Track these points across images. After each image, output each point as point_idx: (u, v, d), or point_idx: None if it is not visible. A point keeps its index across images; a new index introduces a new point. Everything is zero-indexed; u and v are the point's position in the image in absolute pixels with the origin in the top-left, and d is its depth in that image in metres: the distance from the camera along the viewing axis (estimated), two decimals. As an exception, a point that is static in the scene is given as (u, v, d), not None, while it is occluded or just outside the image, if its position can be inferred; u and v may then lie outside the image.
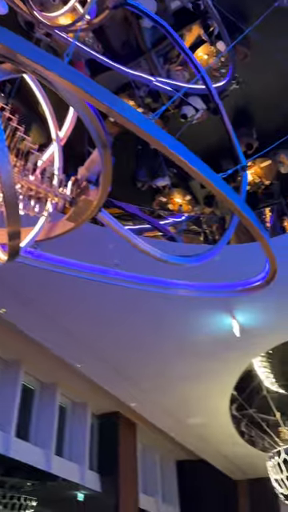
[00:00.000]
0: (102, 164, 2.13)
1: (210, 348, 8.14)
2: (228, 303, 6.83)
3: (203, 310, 7.00)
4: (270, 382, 11.35)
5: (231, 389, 9.69)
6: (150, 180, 7.73)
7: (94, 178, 2.26)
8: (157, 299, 6.43)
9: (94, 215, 2.42)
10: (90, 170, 2.26)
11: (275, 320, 7.32)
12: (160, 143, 1.95)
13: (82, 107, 2.04)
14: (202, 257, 3.49)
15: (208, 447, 12.40)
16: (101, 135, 2.01)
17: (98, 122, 1.99)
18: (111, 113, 1.92)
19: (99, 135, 2.02)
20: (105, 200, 2.34)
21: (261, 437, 11.44)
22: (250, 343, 8.12)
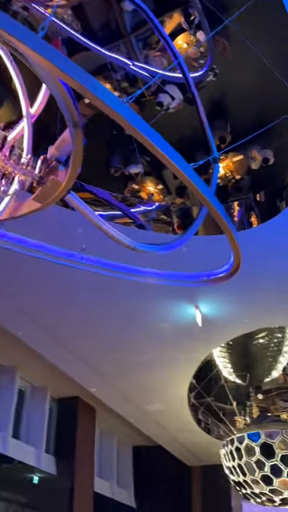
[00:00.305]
0: (73, 144, 2.08)
1: (172, 337, 8.25)
2: (192, 293, 6.92)
3: (168, 298, 7.06)
4: (228, 372, 11.64)
5: (190, 377, 9.87)
6: (123, 166, 7.65)
7: (64, 158, 2.21)
8: (122, 286, 6.44)
9: (62, 197, 2.37)
10: (60, 150, 2.20)
11: (237, 312, 7.48)
12: (132, 126, 1.92)
13: (54, 84, 1.98)
14: (169, 246, 3.50)
15: (165, 433, 12.63)
16: (72, 114, 1.96)
17: (70, 99, 1.93)
18: (83, 92, 1.87)
19: (71, 114, 1.97)
20: (74, 182, 2.29)
21: (217, 425, 11.75)
22: (212, 334, 8.28)
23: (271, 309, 7.48)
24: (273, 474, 7.14)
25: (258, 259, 5.95)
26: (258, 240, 5.66)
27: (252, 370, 12.02)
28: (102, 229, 2.80)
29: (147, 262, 3.74)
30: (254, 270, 6.10)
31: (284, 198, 5.31)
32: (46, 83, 2.15)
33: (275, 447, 7.18)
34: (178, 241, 3.51)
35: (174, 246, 3.46)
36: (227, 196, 7.49)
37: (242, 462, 7.46)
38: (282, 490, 7.18)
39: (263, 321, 8.17)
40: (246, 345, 11.52)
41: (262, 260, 6.05)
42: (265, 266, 6.19)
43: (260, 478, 7.19)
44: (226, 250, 3.40)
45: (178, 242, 3.50)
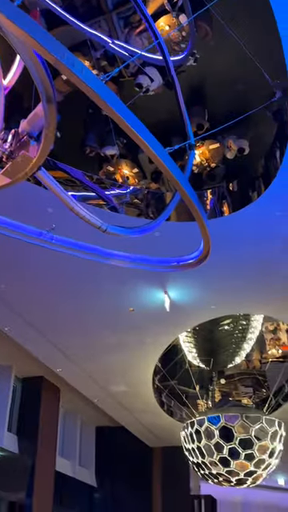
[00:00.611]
0: (46, 119, 2.01)
1: (140, 320, 8.30)
2: (162, 278, 6.96)
3: (137, 282, 7.08)
4: (192, 356, 11.87)
5: (156, 360, 10.00)
6: (98, 147, 7.53)
7: (36, 133, 2.14)
8: (90, 268, 6.40)
9: (32, 173, 2.30)
10: (33, 125, 2.13)
11: (204, 298, 7.59)
12: (106, 104, 1.88)
13: (28, 56, 1.91)
14: (141, 229, 3.49)
15: (128, 415, 12.81)
16: (46, 88, 1.89)
17: (44, 73, 1.87)
18: (59, 66, 1.81)
19: (45, 88, 1.90)
20: (46, 159, 2.23)
21: (179, 408, 12.01)
22: (179, 319, 8.38)
23: (238, 296, 7.62)
24: (230, 456, 7.37)
25: (228, 247, 6.04)
26: (229, 229, 5.73)
27: (216, 356, 12.30)
28: (73, 209, 2.75)
29: (118, 246, 3.71)
30: (223, 257, 6.19)
31: (256, 188, 5.37)
32: (20, 54, 2.06)
33: (234, 431, 7.39)
34: (150, 225, 3.49)
35: (145, 230, 3.44)
36: (202, 184, 7.52)
37: (201, 444, 7.67)
38: (238, 471, 7.44)
39: (229, 308, 8.33)
40: (211, 331, 11.76)
41: (231, 248, 6.14)
42: (234, 255, 6.28)
43: (218, 460, 7.41)
44: (197, 236, 3.41)
45: (149, 227, 3.49)
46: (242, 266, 6.62)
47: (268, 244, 6.05)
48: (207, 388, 13.46)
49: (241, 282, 7.08)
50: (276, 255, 6.33)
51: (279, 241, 5.97)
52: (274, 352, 12.25)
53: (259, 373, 13.19)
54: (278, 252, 6.25)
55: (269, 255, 6.32)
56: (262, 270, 6.69)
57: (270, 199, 5.28)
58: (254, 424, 7.37)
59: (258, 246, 6.11)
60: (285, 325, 11.86)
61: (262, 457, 7.31)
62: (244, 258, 6.41)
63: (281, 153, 4.87)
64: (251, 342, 12.33)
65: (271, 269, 6.66)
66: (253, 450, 7.22)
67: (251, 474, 7.40)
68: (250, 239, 5.96)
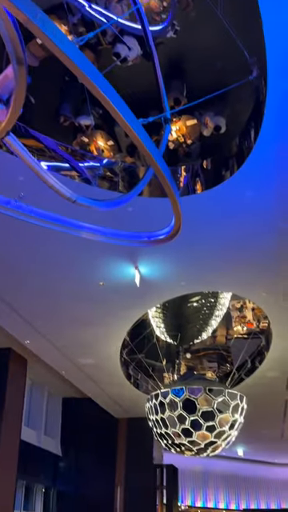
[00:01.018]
0: (16, 82, 1.94)
1: (109, 295, 8.32)
2: (133, 254, 6.97)
3: (108, 257, 7.06)
4: (160, 331, 12.07)
5: (124, 334, 10.11)
6: (73, 116, 7.33)
7: (5, 96, 2.06)
8: (60, 239, 6.34)
9: (0, 138, 2.22)
10: (2, 87, 2.05)
11: (175, 275, 7.66)
12: (79, 69, 1.82)
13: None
14: (112, 203, 3.46)
15: (95, 387, 12.99)
16: (17, 49, 1.81)
17: (14, 33, 1.78)
18: (31, 27, 1.73)
19: (15, 49, 1.82)
20: (15, 123, 2.16)
21: (146, 380, 12.27)
22: (149, 294, 8.44)
23: (207, 274, 7.73)
24: (193, 427, 7.61)
25: (199, 225, 6.08)
26: (201, 206, 5.76)
27: (183, 331, 12.57)
28: (42, 177, 2.69)
29: (91, 219, 3.68)
30: (193, 235, 6.24)
31: (229, 167, 5.39)
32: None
33: (197, 403, 7.61)
34: (121, 199, 3.46)
35: (117, 203, 3.41)
36: (177, 160, 7.48)
37: (165, 415, 7.88)
38: (199, 441, 7.72)
39: (198, 285, 8.45)
40: (180, 307, 11.97)
41: (202, 226, 6.19)
42: (204, 233, 6.34)
43: (181, 431, 7.65)
44: (170, 213, 3.42)
45: (121, 200, 3.46)
46: (211, 244, 6.70)
47: (238, 223, 6.13)
48: (173, 362, 13.79)
49: (210, 259, 7.17)
50: (245, 235, 6.43)
51: (249, 220, 6.06)
52: (239, 329, 12.62)
53: (224, 348, 13.60)
54: (247, 232, 6.35)
55: (238, 235, 6.42)
56: (231, 248, 6.80)
57: (241, 179, 5.32)
58: (216, 397, 7.62)
59: (229, 225, 6.18)
60: (251, 303, 12.20)
61: (223, 428, 7.60)
62: (214, 237, 6.48)
63: (255, 133, 4.88)
64: (218, 318, 12.64)
65: (240, 248, 6.77)
66: (214, 422, 7.48)
67: (211, 444, 7.69)
68: (220, 218, 6.02)
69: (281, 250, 6.79)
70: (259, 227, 6.24)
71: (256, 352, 11.61)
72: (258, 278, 7.78)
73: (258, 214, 5.93)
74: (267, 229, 6.25)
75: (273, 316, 9.32)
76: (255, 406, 13.32)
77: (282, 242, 6.56)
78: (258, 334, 11.66)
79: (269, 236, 6.40)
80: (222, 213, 5.93)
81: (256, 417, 14.70)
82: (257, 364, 11.48)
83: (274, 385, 12.45)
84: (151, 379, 12.07)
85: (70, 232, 3.43)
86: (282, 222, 6.09)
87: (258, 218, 6.02)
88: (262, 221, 6.08)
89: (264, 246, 6.68)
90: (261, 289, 8.13)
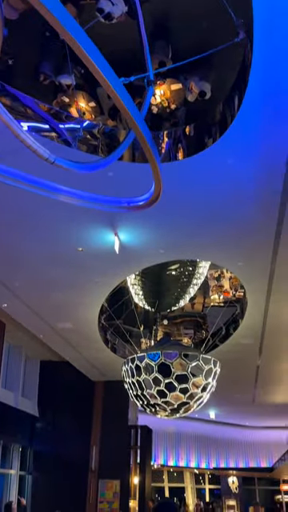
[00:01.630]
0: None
1: (88, 260, 8.32)
2: (113, 220, 6.93)
3: (88, 222, 7.01)
4: (138, 298, 12.23)
5: (103, 300, 10.19)
6: (53, 75, 7.05)
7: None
8: (39, 202, 6.24)
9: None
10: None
11: (154, 242, 7.68)
12: (60, 24, 1.74)
13: None
14: (91, 166, 3.39)
15: (73, 350, 13.18)
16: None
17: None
18: None
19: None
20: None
21: (123, 345, 12.52)
22: (128, 261, 8.47)
23: (186, 242, 7.79)
24: (167, 389, 7.87)
25: (179, 193, 6.07)
26: (182, 174, 5.71)
27: (161, 298, 12.76)
28: (19, 136, 2.60)
29: (70, 183, 3.62)
30: (173, 202, 6.23)
31: (212, 134, 5.33)
32: None
33: (172, 367, 7.84)
34: (100, 162, 3.40)
35: (96, 166, 3.34)
36: (160, 125, 7.34)
37: (141, 378, 8.09)
38: (173, 402, 8.02)
39: (177, 253, 8.51)
40: (158, 274, 12.11)
41: (182, 194, 6.17)
42: (184, 200, 6.33)
43: (156, 393, 7.91)
44: (150, 179, 3.38)
45: (100, 164, 3.39)
46: (191, 213, 6.71)
47: (219, 192, 6.13)
48: (151, 328, 14.06)
49: (189, 228, 7.20)
50: (225, 204, 6.46)
51: (229, 189, 6.06)
52: (215, 297, 12.89)
53: (200, 316, 13.91)
54: (228, 201, 6.37)
55: (218, 204, 6.43)
56: (211, 217, 6.83)
57: (223, 147, 5.28)
58: (191, 361, 7.86)
59: (209, 194, 6.18)
60: (228, 273, 12.42)
61: (195, 391, 7.89)
62: (194, 205, 6.49)
63: (239, 100, 4.82)
64: (196, 287, 12.86)
65: (219, 218, 6.81)
66: (187, 385, 7.76)
67: (184, 404, 8.01)
68: (201, 186, 6.01)
69: (259, 220, 6.86)
70: (240, 196, 6.27)
71: (231, 320, 11.92)
72: (235, 248, 7.87)
73: (239, 183, 5.94)
74: (247, 198, 6.28)
75: (248, 285, 9.51)
76: (228, 371, 13.78)
77: (261, 212, 6.62)
78: (233, 303, 11.94)
79: (248, 206, 6.44)
80: (203, 181, 5.91)
81: (229, 381, 15.26)
82: (231, 331, 11.81)
83: (247, 351, 12.87)
84: (128, 344, 12.33)
85: (47, 195, 3.37)
86: (262, 192, 6.12)
87: (238, 187, 6.03)
88: (242, 190, 6.10)
89: (243, 216, 6.73)
90: (238, 258, 8.25)
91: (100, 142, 5.55)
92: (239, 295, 12.19)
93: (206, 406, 12.45)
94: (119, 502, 14.78)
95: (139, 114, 2.84)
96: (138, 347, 12.81)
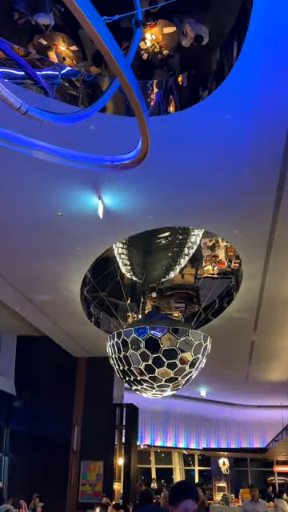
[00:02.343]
0: None
1: (69, 227, 8.28)
2: (96, 181, 6.86)
3: (68, 183, 6.93)
4: (125, 269, 12.27)
5: (86, 270, 10.21)
6: (29, 13, 6.79)
7: None
8: (11, 160, 6.13)
9: None
10: None
11: (142, 207, 7.65)
12: None
13: None
14: (69, 117, 3.31)
15: (53, 325, 13.29)
16: None
17: None
18: None
19: None
20: None
21: (108, 319, 12.66)
22: (113, 228, 8.45)
23: (177, 207, 7.76)
24: (155, 365, 8.11)
25: (169, 151, 5.99)
26: (173, 129, 5.63)
27: (150, 269, 12.82)
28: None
29: (45, 138, 3.54)
30: (163, 162, 6.16)
31: (208, 86, 5.23)
32: None
33: (160, 342, 8.02)
34: (80, 113, 3.32)
35: (75, 118, 3.26)
36: (150, 73, 7.16)
37: (128, 353, 8.30)
38: (161, 377, 8.28)
39: (167, 219, 8.49)
40: (147, 243, 12.11)
41: (173, 152, 6.10)
42: (175, 160, 6.26)
43: (143, 368, 8.14)
44: (137, 134, 3.32)
45: (80, 115, 3.31)
46: (183, 174, 6.66)
47: (214, 151, 6.07)
48: (138, 301, 14.20)
49: (180, 190, 7.17)
50: (220, 165, 6.41)
51: (224, 148, 6.01)
52: (209, 268, 12.98)
53: (192, 288, 14.05)
54: (223, 161, 6.32)
55: (213, 164, 6.38)
56: (204, 179, 6.79)
57: (220, 99, 5.20)
58: (180, 337, 8.04)
59: (203, 153, 6.12)
60: (223, 242, 12.48)
61: (184, 366, 8.13)
62: (186, 165, 6.43)
63: (238, 46, 4.71)
64: (188, 257, 12.92)
65: (213, 180, 6.77)
66: (176, 360, 8.00)
67: (172, 380, 8.29)
68: (194, 143, 5.94)
69: (257, 184, 6.84)
70: (237, 157, 6.22)
71: (225, 292, 12.08)
72: (231, 214, 7.88)
73: (236, 142, 5.88)
74: (245, 159, 6.24)
75: (244, 256, 9.59)
76: (221, 346, 14.07)
77: (260, 174, 6.60)
78: (228, 274, 12.07)
79: (246, 167, 6.41)
80: (197, 138, 5.84)
81: (221, 358, 15.61)
82: (225, 305, 11.99)
83: (241, 326, 13.12)
84: (114, 318, 12.47)
85: (19, 150, 3.30)
86: (261, 151, 6.08)
87: (235, 146, 5.98)
88: (239, 149, 6.04)
89: (240, 179, 6.70)
90: (233, 226, 8.27)
91: (81, 92, 5.42)
92: (234, 266, 12.30)
93: (197, 383, 12.76)
94: (102, 484, 15.28)
95: (125, 60, 2.75)
96: (124, 321, 12.98)
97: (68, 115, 3.24)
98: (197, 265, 13.88)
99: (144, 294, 14.01)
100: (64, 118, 3.20)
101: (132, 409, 16.48)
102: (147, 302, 14.13)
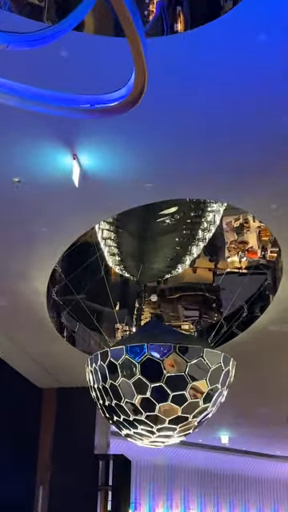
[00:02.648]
0: None
1: (31, 198, 8.31)
2: (69, 133, 6.83)
3: (27, 136, 6.90)
4: (113, 260, 12.30)
5: (55, 262, 10.22)
6: None
7: None
8: None
9: None
10: None
11: (135, 171, 7.64)
12: None
13: None
14: (31, 38, 3.29)
15: (9, 343, 13.32)
16: None
17: None
18: None
19: None
20: None
21: (87, 333, 12.71)
22: (95, 201, 8.46)
23: (187, 172, 7.75)
24: (155, 398, 8.15)
25: (176, 86, 5.97)
26: (180, 55, 5.61)
27: (148, 261, 12.85)
28: None
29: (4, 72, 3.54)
30: (167, 102, 6.13)
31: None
32: None
33: (163, 367, 8.05)
34: (45, 32, 3.31)
35: (37, 39, 3.26)
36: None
37: (117, 382, 8.34)
38: (163, 417, 8.30)
39: (173, 189, 8.48)
40: (145, 223, 12.13)
41: (180, 90, 6.07)
42: (183, 101, 6.22)
43: (139, 403, 8.19)
44: (128, 63, 3.32)
45: (45, 35, 3.31)
46: (194, 122, 6.62)
47: (241, 87, 6.05)
48: (131, 307, 14.24)
49: (191, 147, 7.15)
50: (252, 108, 6.40)
51: (259, 83, 5.99)
52: (234, 260, 13.02)
53: (209, 289, 14.08)
54: (256, 102, 6.31)
55: (237, 107, 6.36)
56: (224, 129, 6.76)
57: (250, 13, 5.19)
58: (190, 359, 8.06)
59: (222, 90, 6.09)
60: (256, 222, 12.51)
61: (195, 400, 8.19)
62: (199, 109, 6.39)
63: None
64: (202, 243, 12.95)
65: (239, 129, 6.75)
66: (185, 391, 8.05)
67: (179, 421, 8.33)
68: (211, 77, 5.92)
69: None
70: (275, 99, 6.21)
71: (257, 295, 12.12)
72: (266, 181, 7.88)
73: (273, 75, 5.87)
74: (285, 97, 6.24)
75: (285, 241, 9.61)
76: (250, 373, 14.12)
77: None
78: (262, 269, 12.11)
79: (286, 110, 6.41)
80: (216, 69, 5.82)
81: (251, 389, 15.69)
82: (257, 312, 12.03)
83: (279, 344, 13.18)
84: (96, 332, 12.50)
85: None
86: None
87: (272, 82, 5.97)
88: (278, 87, 6.04)
89: (279, 129, 6.71)
90: (268, 197, 8.28)
91: (47, 1, 5.43)
92: (271, 256, 12.33)
93: (215, 425, 12.84)
94: None
95: None
96: (110, 336, 13.01)
97: (27, 35, 3.23)
98: (216, 255, 13.91)
99: (140, 296, 14.06)
100: (22, 39, 3.19)
101: (122, 462, 16.55)
102: (144, 309, 14.19)
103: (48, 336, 12.75)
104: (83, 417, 15.68)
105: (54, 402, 16.66)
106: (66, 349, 13.29)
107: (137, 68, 3.50)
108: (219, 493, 27.71)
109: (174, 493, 26.45)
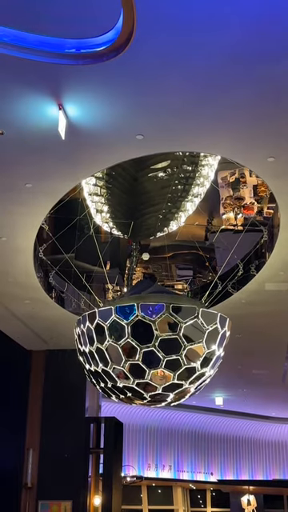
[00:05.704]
0: None
1: (14, 152, 8.26)
2: (54, 80, 6.69)
3: (9, 84, 6.75)
4: (102, 217, 12.27)
5: (42, 220, 10.20)
6: None
7: None
8: None
9: None
10: None
11: (124, 121, 7.55)
12: None
13: None
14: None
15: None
16: None
17: None
18: None
19: None
20: None
21: (76, 294, 12.75)
22: (82, 153, 8.40)
23: (178, 121, 7.64)
24: (146, 363, 8.06)
25: (168, 30, 5.81)
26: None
27: (140, 218, 12.82)
28: None
29: None
30: (155, 47, 5.96)
31: None
32: None
33: (154, 328, 7.98)
34: None
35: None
36: None
37: (103, 346, 8.27)
38: (156, 384, 8.23)
39: (166, 141, 8.39)
40: (135, 179, 12.06)
41: (174, 32, 5.93)
42: (177, 46, 6.07)
43: (127, 369, 8.12)
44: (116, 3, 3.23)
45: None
46: (189, 70, 6.51)
47: (245, 25, 5.93)
48: (122, 266, 14.27)
49: (184, 96, 7.04)
50: (250, 49, 6.28)
51: (262, 22, 5.86)
52: (229, 217, 13.02)
53: (203, 247, 14.11)
54: (258, 43, 6.19)
55: (236, 48, 6.25)
56: (220, 77, 6.62)
57: None
58: (185, 319, 8.00)
59: (225, 31, 5.97)
60: (253, 176, 12.45)
61: (192, 365, 8.11)
62: (194, 55, 6.28)
63: None
64: (197, 199, 12.92)
65: (237, 74, 6.63)
66: (179, 356, 7.95)
67: (174, 387, 8.25)
68: (218, 18, 5.78)
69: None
70: (277, 40, 6.09)
71: (253, 252, 12.14)
72: (264, 132, 7.81)
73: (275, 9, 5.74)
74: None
75: (283, 197, 9.57)
76: (246, 334, 14.27)
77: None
78: (258, 226, 12.11)
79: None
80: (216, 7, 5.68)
81: (247, 350, 15.86)
82: (253, 271, 12.07)
83: (275, 302, 13.26)
84: (85, 292, 12.54)
85: None
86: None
87: (275, 17, 5.84)
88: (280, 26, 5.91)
89: (276, 74, 6.61)
90: (267, 150, 8.22)
91: None
92: (268, 213, 12.33)
93: (210, 387, 13.01)
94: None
95: None
96: (100, 297, 13.06)
97: None
98: (211, 212, 13.89)
99: (131, 255, 14.07)
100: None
101: (114, 425, 16.76)
102: (136, 268, 14.21)
103: (36, 297, 12.79)
104: (74, 379, 15.81)
105: (42, 365, 16.81)
106: (54, 310, 13.35)
107: (124, 9, 3.42)
108: (212, 455, 28.21)
109: (167, 456, 26.88)
